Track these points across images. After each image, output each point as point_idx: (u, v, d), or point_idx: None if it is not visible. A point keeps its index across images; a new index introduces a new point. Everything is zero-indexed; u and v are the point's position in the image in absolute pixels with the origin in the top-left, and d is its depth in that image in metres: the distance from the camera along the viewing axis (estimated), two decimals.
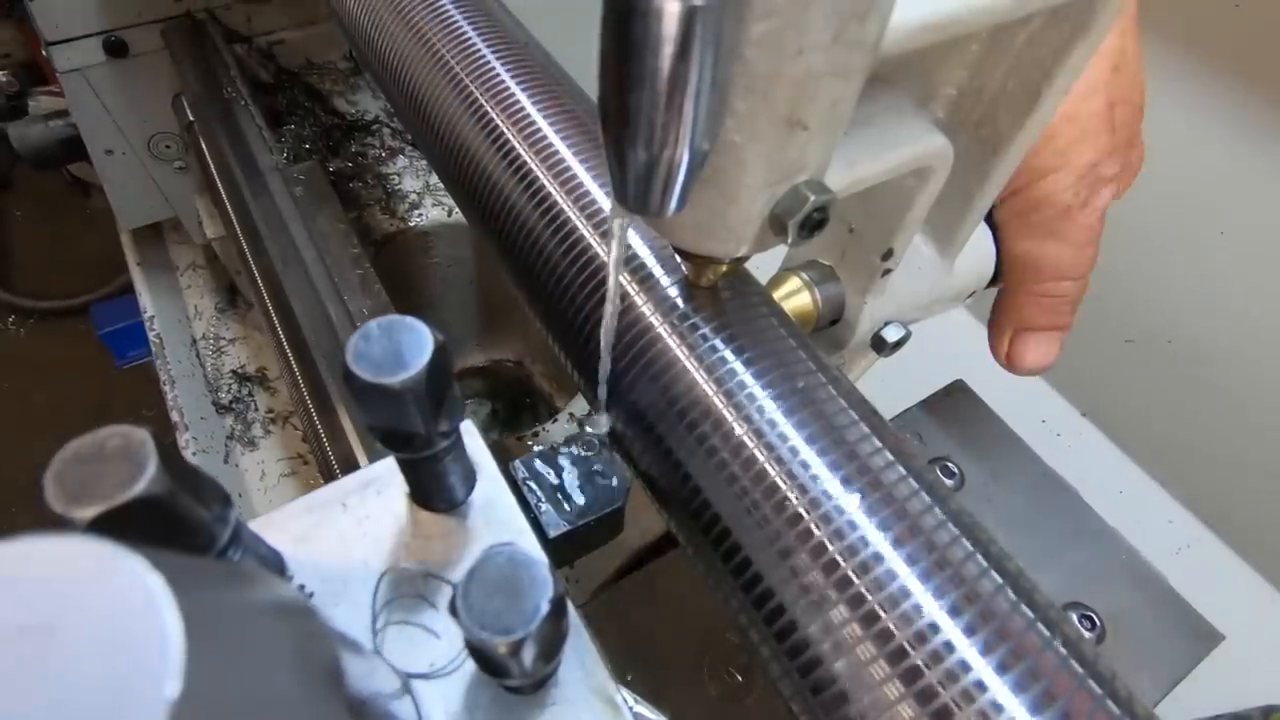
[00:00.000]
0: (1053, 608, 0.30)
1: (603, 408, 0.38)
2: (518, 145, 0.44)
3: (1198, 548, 0.75)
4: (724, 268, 0.35)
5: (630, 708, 0.29)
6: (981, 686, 0.26)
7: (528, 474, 0.38)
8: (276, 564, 0.30)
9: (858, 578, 0.29)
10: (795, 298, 0.48)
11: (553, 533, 0.37)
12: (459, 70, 0.47)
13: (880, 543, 0.30)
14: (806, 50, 0.25)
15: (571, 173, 0.42)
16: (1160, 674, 0.65)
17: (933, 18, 0.31)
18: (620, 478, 0.39)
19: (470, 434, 0.34)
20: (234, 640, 0.14)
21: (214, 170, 0.80)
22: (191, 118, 0.88)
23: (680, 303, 0.37)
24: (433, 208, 0.94)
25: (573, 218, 0.41)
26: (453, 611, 0.23)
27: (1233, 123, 0.91)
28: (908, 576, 0.29)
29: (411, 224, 0.92)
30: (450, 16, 0.48)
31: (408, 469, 0.31)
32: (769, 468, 0.32)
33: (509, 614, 0.23)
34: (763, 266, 0.42)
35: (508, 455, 0.42)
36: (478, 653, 0.24)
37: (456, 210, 0.92)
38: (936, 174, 0.40)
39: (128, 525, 0.20)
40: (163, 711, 0.11)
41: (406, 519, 0.32)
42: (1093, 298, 0.52)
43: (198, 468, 0.23)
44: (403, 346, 0.25)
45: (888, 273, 0.46)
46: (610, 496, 0.38)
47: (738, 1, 0.23)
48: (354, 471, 0.34)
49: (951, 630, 0.28)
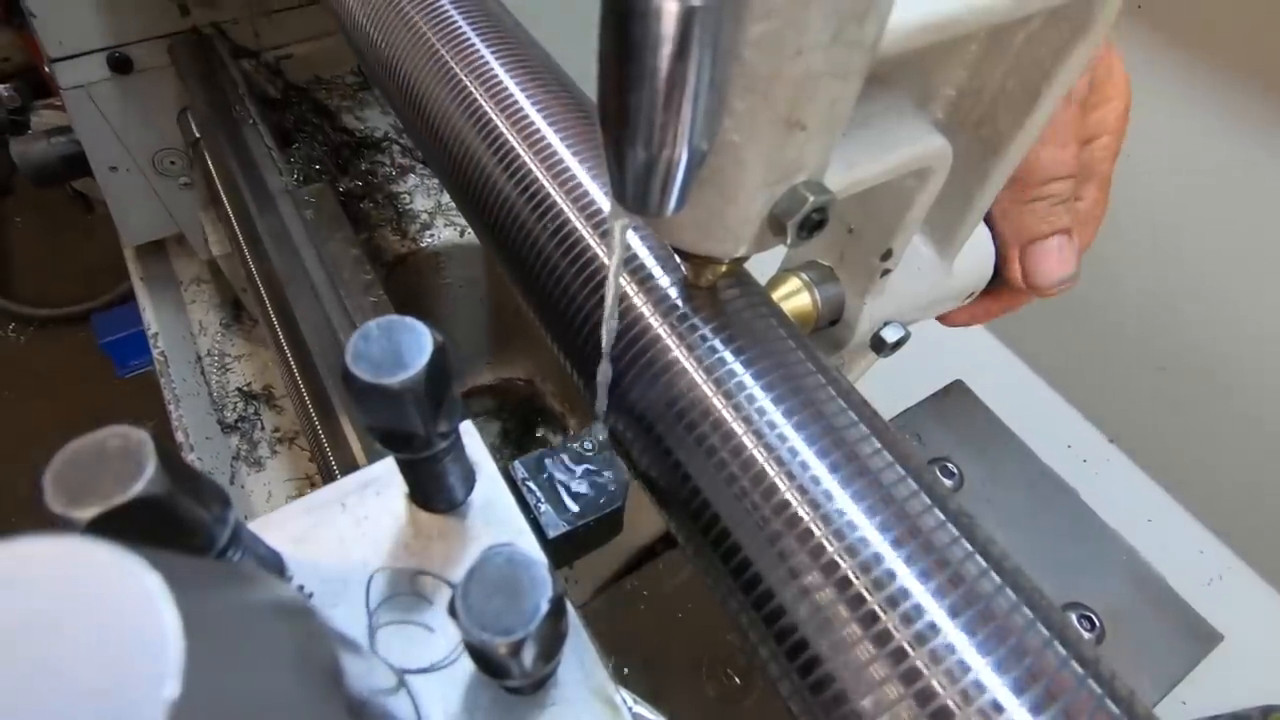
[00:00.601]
0: (1052, 608, 0.30)
1: (602, 408, 0.38)
2: (517, 146, 0.44)
3: (1230, 578, 0.74)
4: (723, 268, 0.35)
5: (629, 708, 0.29)
6: (980, 686, 0.26)
7: (527, 474, 0.38)
8: (276, 564, 0.30)
9: (857, 578, 0.29)
10: (795, 298, 0.48)
11: (552, 533, 0.37)
12: (464, 77, 0.47)
13: (880, 543, 0.30)
14: (805, 50, 0.25)
15: (571, 173, 0.42)
16: (1160, 674, 0.65)
17: (932, 18, 0.31)
18: (620, 478, 0.39)
19: (470, 434, 0.34)
20: (233, 641, 0.14)
21: (221, 190, 0.78)
22: (198, 134, 0.86)
23: (679, 303, 0.37)
24: (444, 228, 0.91)
25: (572, 218, 0.41)
26: (452, 612, 0.23)
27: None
28: (907, 577, 0.29)
29: (423, 245, 0.90)
30: (457, 25, 0.48)
31: (407, 469, 0.31)
32: (768, 468, 0.32)
33: (509, 614, 0.23)
34: (762, 267, 0.42)
35: None
36: (478, 653, 0.24)
37: (469, 230, 0.89)
38: (936, 174, 0.40)
39: (127, 525, 0.20)
40: (162, 712, 0.11)
41: (406, 519, 0.32)
42: (1123, 324, 0.51)
43: (197, 469, 0.23)
44: (402, 347, 0.25)
45: (887, 273, 0.46)
46: (610, 496, 0.38)
47: (736, 2, 0.23)
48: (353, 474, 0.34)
49: (951, 630, 0.28)
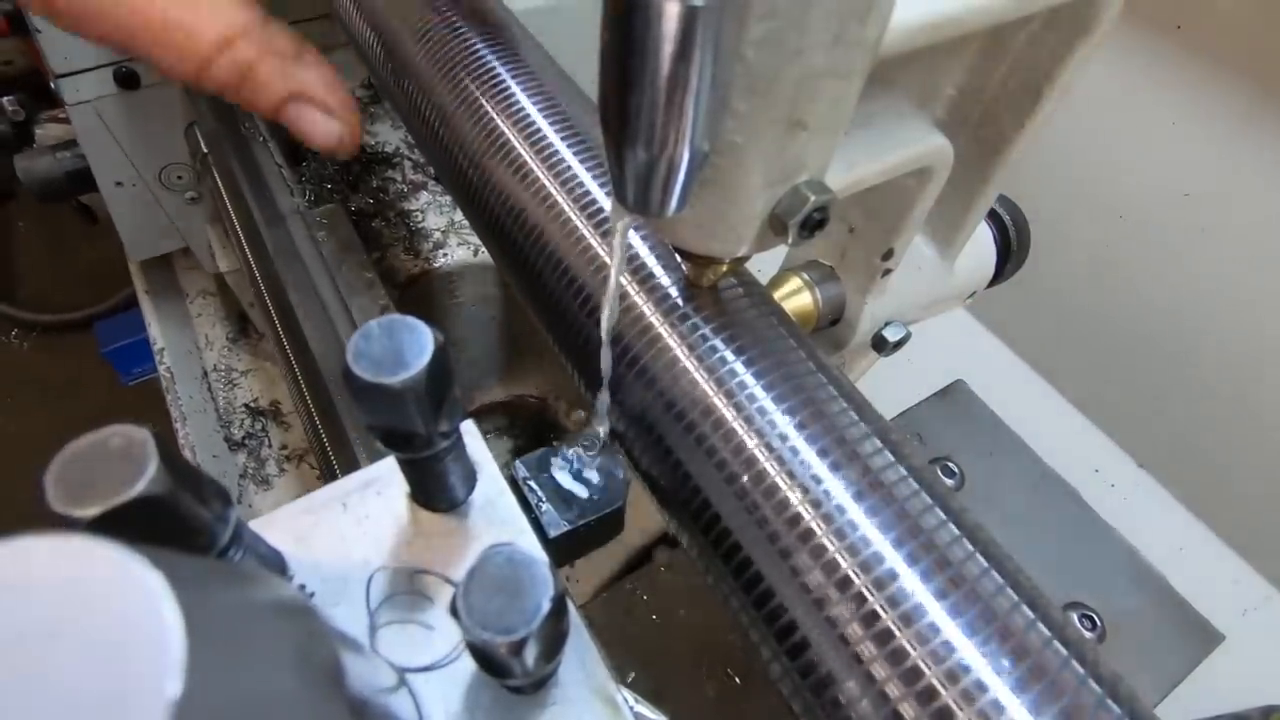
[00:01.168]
0: (1053, 608, 0.30)
1: (604, 407, 0.38)
2: (518, 146, 0.44)
3: (1267, 609, 0.73)
4: (724, 267, 0.35)
5: (630, 707, 0.29)
6: (982, 687, 0.26)
7: (528, 474, 0.38)
8: (277, 564, 0.30)
9: (858, 578, 0.29)
10: (796, 298, 0.48)
11: (553, 532, 0.37)
12: (471, 86, 0.47)
13: (881, 543, 0.30)
14: (807, 50, 0.25)
15: (573, 173, 0.42)
16: (1160, 674, 0.65)
17: (933, 18, 0.31)
18: (620, 477, 0.39)
19: (470, 434, 0.34)
20: (235, 640, 0.14)
21: (231, 209, 0.77)
22: (205, 149, 0.85)
23: (681, 302, 0.37)
24: (458, 247, 0.89)
25: (573, 218, 0.41)
26: (454, 612, 0.23)
27: None
28: (908, 577, 0.29)
29: (436, 265, 0.87)
30: (467, 36, 0.48)
31: (408, 469, 0.31)
32: (769, 468, 0.32)
33: (510, 613, 0.23)
34: (763, 267, 0.42)
35: None
36: (479, 653, 0.24)
37: (482, 249, 0.87)
38: (936, 174, 0.40)
39: (128, 525, 0.20)
40: (163, 711, 0.11)
41: (407, 519, 0.32)
42: (1123, 324, 0.50)
43: (198, 467, 0.23)
44: (403, 346, 0.25)
45: (888, 273, 0.46)
46: (610, 496, 0.38)
47: (738, 2, 0.23)
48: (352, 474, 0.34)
49: (952, 631, 0.28)
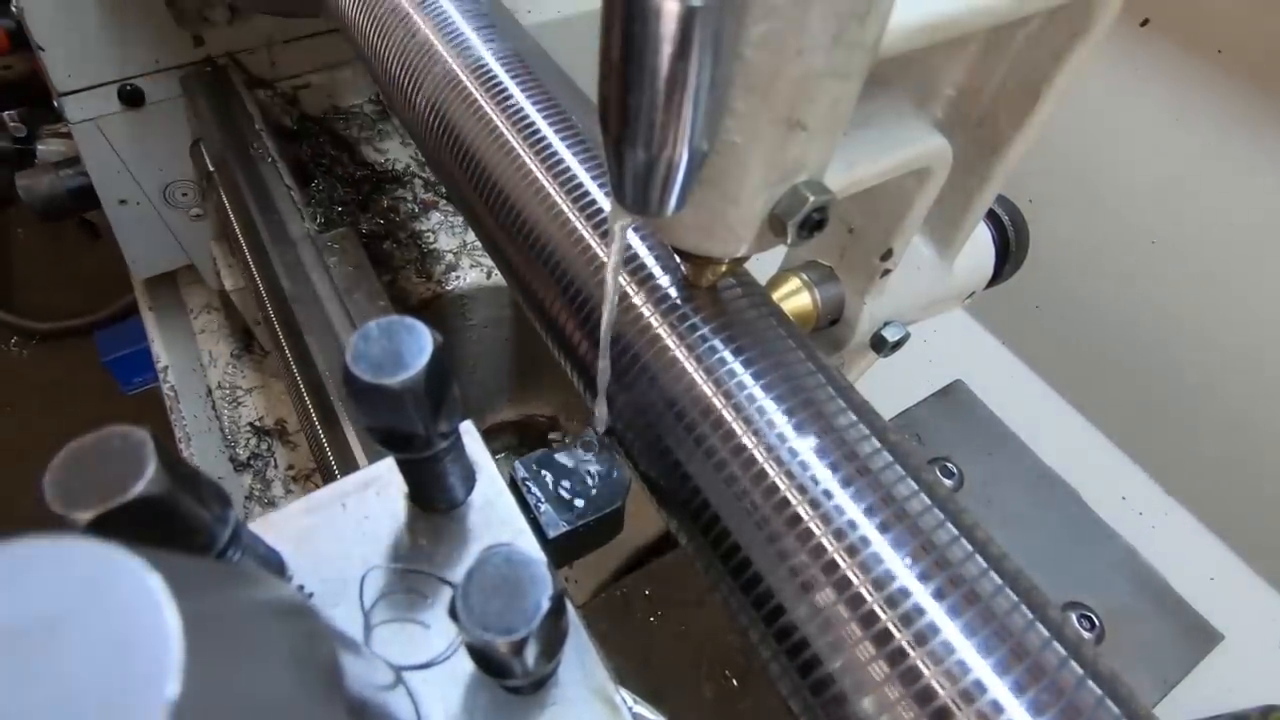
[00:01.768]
0: (1052, 607, 0.30)
1: (602, 407, 0.38)
2: (518, 146, 0.44)
3: (1266, 609, 0.71)
4: (723, 268, 0.35)
5: (629, 708, 0.29)
6: (981, 686, 0.26)
7: (527, 474, 0.38)
8: (276, 564, 0.30)
9: (857, 577, 0.29)
10: (795, 298, 0.48)
11: (552, 533, 0.37)
12: (480, 97, 0.46)
13: (880, 543, 0.30)
14: (806, 50, 0.25)
15: (571, 172, 0.42)
16: (1160, 674, 0.65)
17: (932, 18, 0.31)
18: (620, 477, 0.39)
19: (470, 434, 0.34)
20: (234, 641, 0.14)
21: (239, 232, 0.76)
22: (212, 168, 0.84)
23: (679, 302, 0.37)
24: (470, 269, 0.87)
25: (572, 217, 0.41)
26: (453, 615, 0.23)
27: None
28: (907, 577, 0.29)
29: (449, 288, 0.85)
30: (478, 56, 0.47)
31: (407, 469, 0.31)
32: (768, 468, 0.32)
33: (510, 613, 0.23)
34: (763, 267, 0.42)
35: None
36: (479, 654, 0.24)
37: (495, 272, 0.86)
38: (936, 174, 0.40)
39: (128, 525, 0.20)
40: (163, 711, 0.11)
41: (406, 519, 0.32)
42: (1122, 324, 0.50)
43: (197, 468, 0.23)
44: (402, 347, 0.25)
45: (887, 273, 0.46)
46: (610, 496, 0.38)
47: (737, 2, 0.23)
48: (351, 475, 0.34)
49: (951, 630, 0.28)
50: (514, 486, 0.37)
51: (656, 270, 0.38)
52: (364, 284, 0.70)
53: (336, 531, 0.32)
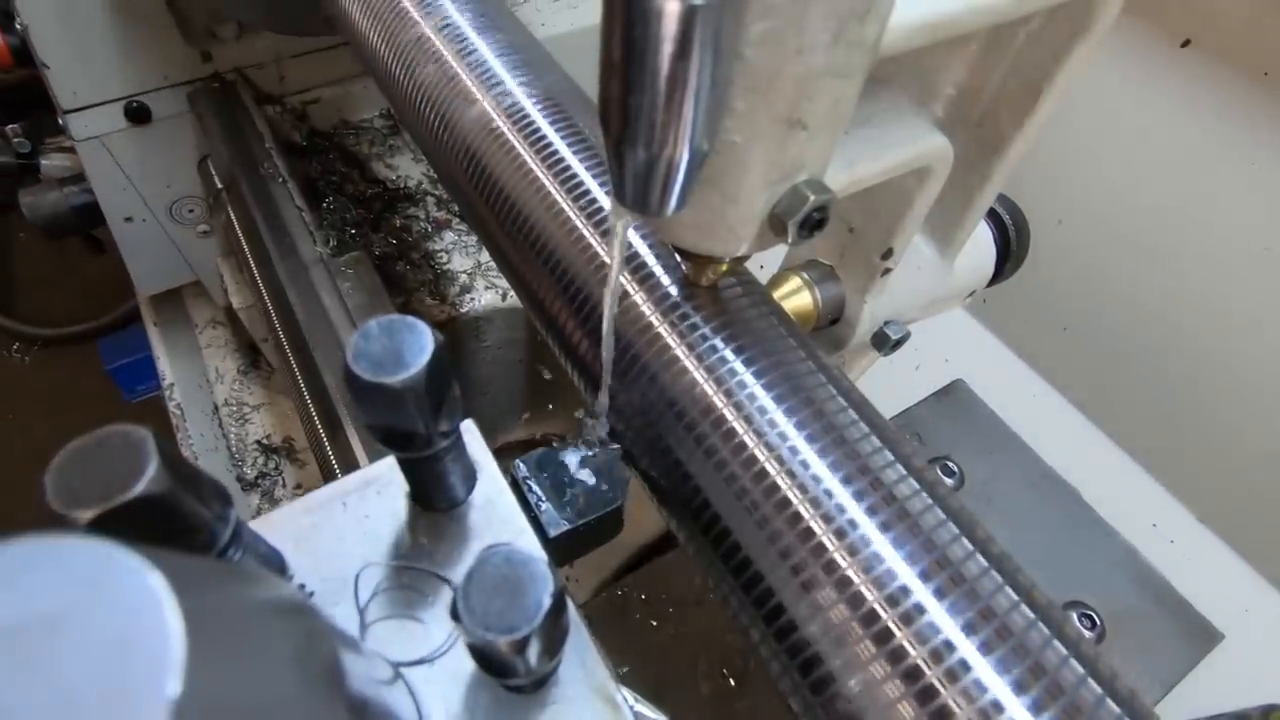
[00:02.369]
0: (1053, 607, 0.30)
1: (603, 406, 0.38)
2: (518, 146, 0.44)
3: (1267, 608, 0.71)
4: (724, 267, 0.35)
5: (630, 706, 0.29)
6: (981, 686, 0.26)
7: (528, 473, 0.38)
8: (277, 563, 0.30)
9: (857, 577, 0.29)
10: (795, 297, 0.48)
11: (553, 532, 0.37)
12: (490, 108, 0.46)
13: (880, 543, 0.30)
14: (806, 50, 0.25)
15: (572, 172, 0.42)
16: (1160, 673, 0.65)
17: (933, 17, 0.31)
18: (620, 476, 0.39)
19: (470, 434, 0.34)
20: (235, 639, 0.14)
21: (249, 254, 0.75)
22: (221, 186, 0.83)
23: (680, 302, 0.37)
24: (485, 290, 0.84)
25: (573, 217, 0.41)
26: (454, 615, 0.23)
27: None
28: (908, 576, 0.29)
29: (463, 310, 0.84)
30: (486, 64, 0.47)
31: (408, 468, 0.31)
32: (769, 467, 0.32)
33: (511, 612, 0.23)
34: (763, 266, 0.42)
35: None
36: (481, 653, 0.24)
37: (510, 293, 0.84)
38: (936, 174, 0.40)
39: (128, 525, 0.20)
40: (164, 710, 0.11)
41: (407, 518, 0.32)
42: (1122, 325, 0.50)
43: (198, 467, 0.23)
44: (403, 346, 0.25)
45: (887, 272, 0.46)
46: (610, 495, 0.38)
47: (737, 1, 0.23)
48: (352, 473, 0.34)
49: (951, 630, 0.28)
50: (514, 485, 0.37)
51: (657, 269, 0.38)
52: (378, 309, 0.69)
53: (337, 530, 0.32)
